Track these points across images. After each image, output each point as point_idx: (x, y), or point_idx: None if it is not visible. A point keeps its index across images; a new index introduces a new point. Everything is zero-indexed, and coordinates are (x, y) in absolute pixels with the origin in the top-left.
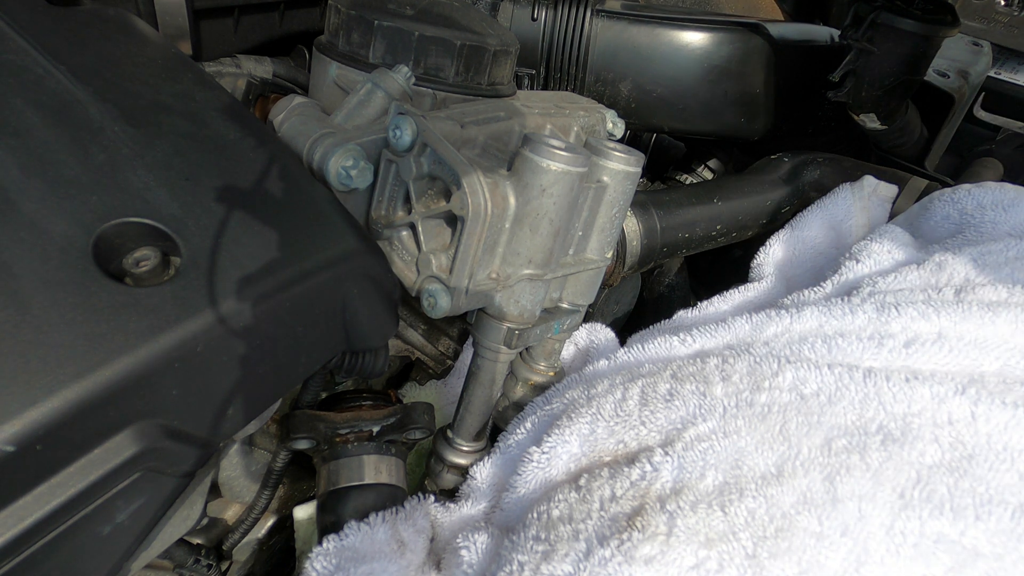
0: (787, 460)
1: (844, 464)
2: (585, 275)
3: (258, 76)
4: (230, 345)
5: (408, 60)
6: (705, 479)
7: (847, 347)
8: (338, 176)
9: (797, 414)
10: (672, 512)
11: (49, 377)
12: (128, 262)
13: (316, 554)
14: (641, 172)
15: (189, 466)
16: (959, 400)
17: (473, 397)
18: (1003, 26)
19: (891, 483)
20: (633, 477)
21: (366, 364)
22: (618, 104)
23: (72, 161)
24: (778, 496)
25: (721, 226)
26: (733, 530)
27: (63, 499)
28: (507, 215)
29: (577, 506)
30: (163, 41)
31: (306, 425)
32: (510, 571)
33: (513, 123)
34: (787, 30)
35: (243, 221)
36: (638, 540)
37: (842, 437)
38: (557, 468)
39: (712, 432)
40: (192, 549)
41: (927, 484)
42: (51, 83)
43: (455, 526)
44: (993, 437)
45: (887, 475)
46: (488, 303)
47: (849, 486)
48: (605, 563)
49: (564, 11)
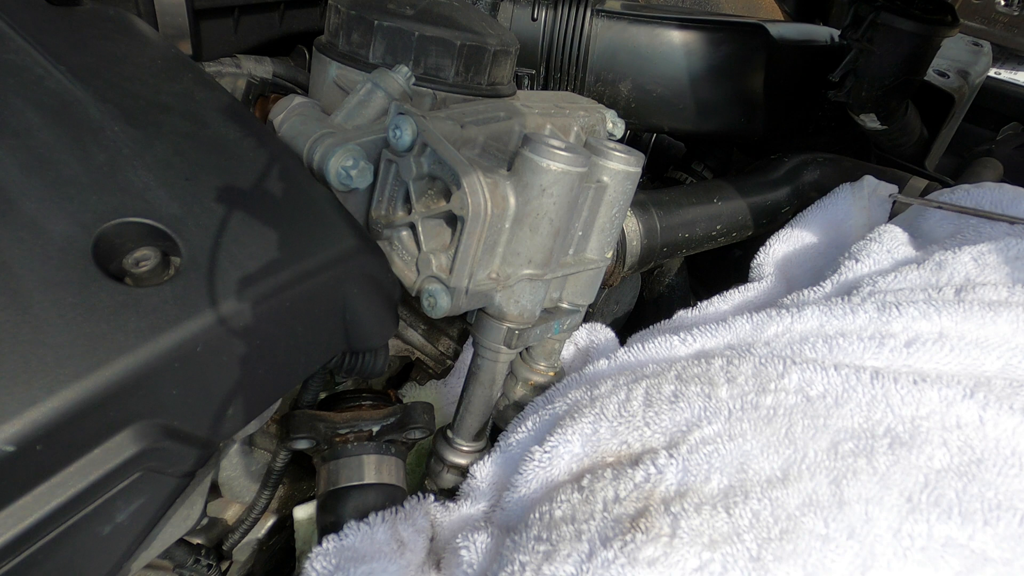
0: (793, 464)
1: (851, 467)
2: (585, 275)
3: (258, 76)
4: (230, 345)
5: (408, 60)
6: (710, 482)
7: (848, 347)
8: (338, 176)
9: (803, 417)
10: (676, 514)
11: (49, 377)
12: (128, 262)
13: (316, 554)
14: (641, 172)
15: (189, 466)
16: (967, 404)
17: (473, 397)
18: (1003, 26)
19: (899, 487)
20: (637, 479)
21: (366, 364)
22: (618, 104)
23: (72, 161)
24: (783, 498)
25: (721, 226)
26: (737, 532)
27: (63, 499)
28: (507, 215)
29: (580, 507)
30: (163, 41)
31: (306, 425)
32: (511, 571)
33: (513, 123)
34: (787, 30)
35: (243, 221)
36: (641, 541)
37: (849, 440)
38: (559, 468)
39: (717, 435)
40: (192, 549)
41: (935, 488)
42: (51, 83)
43: (455, 526)
44: (1001, 442)
45: (895, 479)
46: (488, 303)
47: (856, 489)
48: (608, 564)
49: (564, 11)
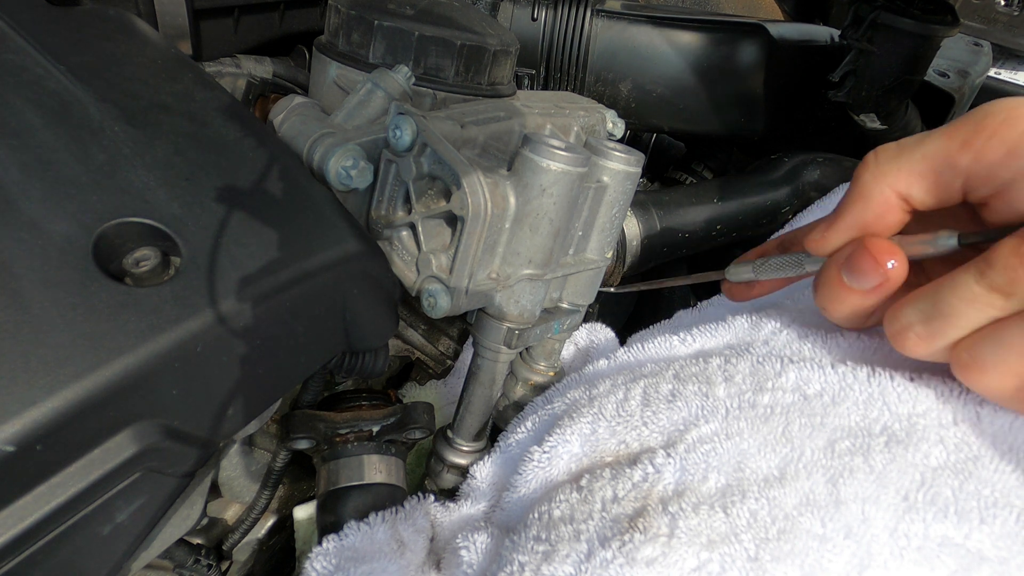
0: (790, 463)
1: (847, 466)
2: (585, 275)
3: (258, 76)
4: (230, 345)
5: (408, 60)
6: (707, 481)
7: (847, 344)
8: (338, 176)
9: (800, 415)
10: (674, 514)
11: (49, 377)
12: (128, 262)
13: (316, 554)
14: (641, 172)
15: (189, 466)
16: (964, 400)
17: (473, 397)
18: (1003, 26)
19: (895, 485)
20: (635, 478)
21: (366, 364)
22: (618, 104)
23: (72, 161)
24: (781, 498)
25: (721, 226)
26: (735, 532)
27: (63, 499)
28: (507, 215)
29: (578, 507)
30: (163, 41)
31: (306, 425)
32: (511, 571)
33: (513, 123)
34: (787, 30)
35: (243, 221)
36: (640, 542)
37: (846, 439)
38: (558, 468)
39: (715, 433)
40: (192, 549)
41: (932, 487)
42: (51, 83)
43: (455, 526)
44: (998, 438)
45: (891, 477)
46: (488, 303)
47: (852, 488)
48: (607, 565)
49: (564, 11)
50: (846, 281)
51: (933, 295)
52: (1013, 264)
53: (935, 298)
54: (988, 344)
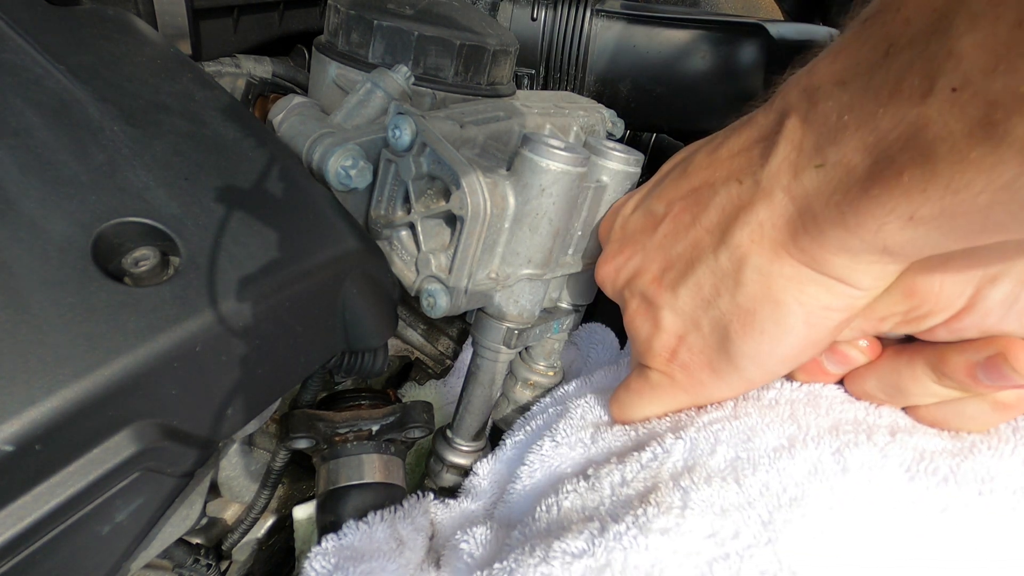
0: (797, 437)
1: (852, 440)
2: (585, 275)
3: (258, 76)
4: (229, 345)
5: (408, 60)
6: (716, 455)
7: None
8: (337, 176)
9: (805, 406)
10: (686, 488)
11: (48, 377)
12: (127, 262)
13: (315, 553)
14: (641, 172)
15: (188, 466)
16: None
17: (473, 397)
18: None
19: (897, 459)
20: (644, 460)
21: (366, 364)
22: (618, 104)
23: (71, 161)
24: (790, 468)
25: None
26: (749, 500)
27: (62, 499)
28: (506, 215)
29: (587, 494)
30: (163, 41)
31: (305, 424)
32: (520, 552)
33: (513, 123)
34: (787, 30)
35: (242, 221)
36: (653, 514)
37: (850, 424)
38: (566, 459)
39: (724, 417)
40: (191, 549)
41: (932, 462)
42: (50, 83)
43: (455, 523)
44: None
45: (893, 452)
46: (488, 303)
47: (858, 457)
48: (620, 536)
49: (564, 11)
50: (825, 366)
51: (895, 376)
52: (967, 384)
53: (896, 379)
54: (948, 412)
